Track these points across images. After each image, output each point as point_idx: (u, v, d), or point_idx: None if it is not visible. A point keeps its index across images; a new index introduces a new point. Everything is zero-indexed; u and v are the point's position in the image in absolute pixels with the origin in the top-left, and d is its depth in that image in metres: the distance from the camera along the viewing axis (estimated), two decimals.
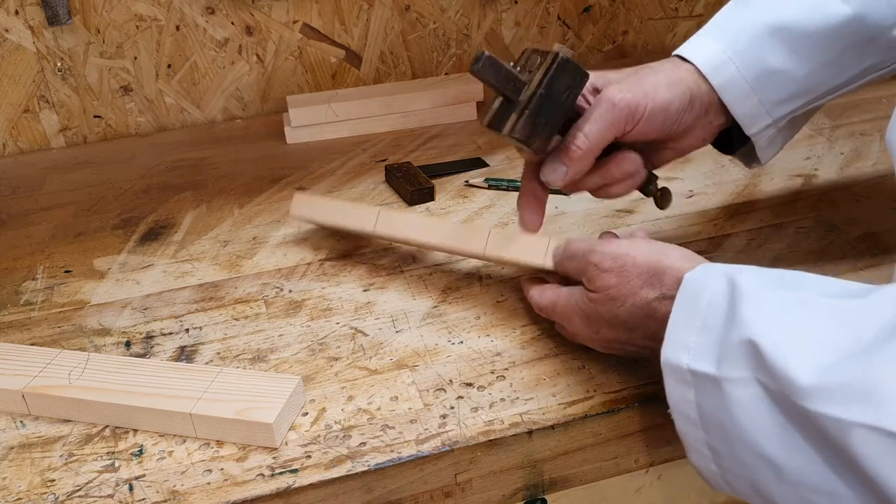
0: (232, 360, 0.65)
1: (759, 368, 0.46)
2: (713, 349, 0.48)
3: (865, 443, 0.41)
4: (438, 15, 1.08)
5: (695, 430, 0.51)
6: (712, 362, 0.48)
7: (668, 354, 0.51)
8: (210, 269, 0.77)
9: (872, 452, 0.41)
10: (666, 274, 0.54)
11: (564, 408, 0.59)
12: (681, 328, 0.51)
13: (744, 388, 0.47)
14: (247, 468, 0.55)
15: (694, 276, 0.52)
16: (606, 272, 0.57)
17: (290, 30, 1.04)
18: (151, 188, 0.92)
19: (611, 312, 0.57)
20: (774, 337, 0.45)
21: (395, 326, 0.68)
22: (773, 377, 0.45)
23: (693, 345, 0.49)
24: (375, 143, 0.99)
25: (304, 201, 0.77)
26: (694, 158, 0.90)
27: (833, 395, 0.42)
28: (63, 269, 0.78)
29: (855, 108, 0.99)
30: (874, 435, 0.40)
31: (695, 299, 0.50)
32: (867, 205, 0.80)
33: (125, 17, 0.98)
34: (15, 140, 1.02)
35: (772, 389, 0.45)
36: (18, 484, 0.55)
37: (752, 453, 0.47)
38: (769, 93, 0.63)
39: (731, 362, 0.47)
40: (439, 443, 0.56)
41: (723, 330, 0.48)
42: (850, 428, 0.41)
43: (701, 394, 0.50)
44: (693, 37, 0.66)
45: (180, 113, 1.06)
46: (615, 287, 0.56)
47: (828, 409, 0.42)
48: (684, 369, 0.50)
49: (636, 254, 0.56)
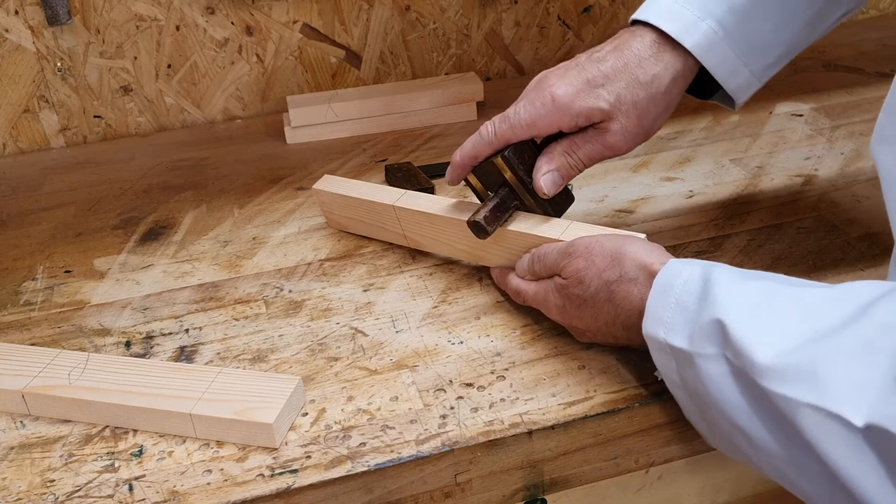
0: (232, 361, 0.65)
1: (725, 346, 0.49)
2: (686, 326, 0.52)
3: (811, 421, 0.44)
4: (438, 15, 1.08)
5: (683, 393, 0.55)
6: (685, 338, 0.52)
7: (648, 328, 0.55)
8: (210, 269, 0.77)
9: (816, 430, 0.44)
10: (626, 257, 0.58)
11: (564, 408, 0.59)
12: (657, 305, 0.54)
13: (713, 363, 0.50)
14: (247, 468, 0.55)
15: (674, 262, 0.56)
16: (577, 258, 0.60)
17: (290, 30, 1.04)
18: (151, 188, 0.92)
19: (579, 298, 0.60)
20: (741, 318, 0.49)
21: (395, 326, 0.68)
22: (737, 355, 0.48)
23: (668, 320, 0.53)
24: (375, 143, 0.99)
25: (329, 179, 0.79)
26: (694, 158, 0.90)
27: (785, 375, 0.45)
28: (63, 269, 0.78)
29: (855, 108, 0.99)
30: (818, 414, 0.44)
31: (671, 280, 0.54)
32: (867, 205, 0.80)
33: (125, 17, 0.98)
34: (15, 140, 1.02)
35: (736, 366, 0.49)
36: (18, 484, 0.55)
37: (727, 421, 0.51)
38: (758, 62, 0.65)
39: (702, 339, 0.51)
40: (439, 443, 0.56)
41: (695, 309, 0.52)
42: (797, 406, 0.45)
43: (680, 365, 0.53)
44: (672, 3, 0.64)
45: (180, 113, 1.06)
46: (583, 269, 0.60)
47: (780, 388, 0.46)
48: (663, 342, 0.53)
49: (604, 240, 0.61)
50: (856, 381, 0.43)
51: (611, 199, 0.84)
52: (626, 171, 0.88)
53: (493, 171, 0.67)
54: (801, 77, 1.08)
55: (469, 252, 0.72)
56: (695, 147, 0.93)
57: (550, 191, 0.65)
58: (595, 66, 0.64)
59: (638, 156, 0.91)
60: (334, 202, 0.78)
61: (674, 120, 0.99)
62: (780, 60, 0.67)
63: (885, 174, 0.52)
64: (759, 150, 0.91)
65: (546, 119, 0.63)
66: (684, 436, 0.61)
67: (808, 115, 0.98)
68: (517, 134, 0.64)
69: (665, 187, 0.85)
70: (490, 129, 0.65)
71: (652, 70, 0.63)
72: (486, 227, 0.64)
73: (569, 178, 0.66)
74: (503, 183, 0.67)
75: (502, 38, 1.12)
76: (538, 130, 0.64)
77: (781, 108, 1.00)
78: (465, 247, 0.71)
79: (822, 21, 0.67)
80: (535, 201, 0.67)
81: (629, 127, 0.63)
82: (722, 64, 0.64)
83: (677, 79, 0.64)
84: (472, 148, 0.67)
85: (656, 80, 0.63)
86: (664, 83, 0.63)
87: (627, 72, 0.63)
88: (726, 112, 1.00)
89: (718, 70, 0.64)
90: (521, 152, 0.65)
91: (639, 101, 0.63)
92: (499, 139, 0.65)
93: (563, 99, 0.63)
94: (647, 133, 0.65)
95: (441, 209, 0.71)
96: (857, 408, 0.42)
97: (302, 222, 0.83)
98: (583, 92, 0.63)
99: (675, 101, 0.65)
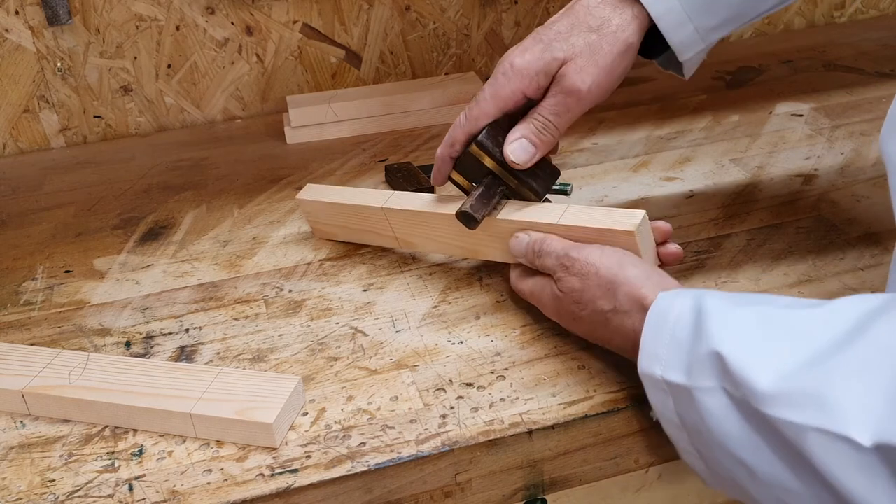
0: (232, 360, 0.65)
1: (724, 378, 0.48)
2: (682, 360, 0.51)
3: (818, 445, 0.43)
4: (438, 15, 1.08)
5: (680, 433, 0.54)
6: (683, 373, 0.51)
7: (643, 366, 0.54)
8: (210, 269, 0.77)
9: (825, 454, 0.43)
10: (620, 290, 0.57)
11: (564, 408, 0.59)
12: (651, 341, 0.53)
13: (712, 396, 0.49)
14: (247, 468, 0.55)
15: (664, 295, 0.54)
16: (574, 276, 0.60)
17: (290, 30, 1.04)
18: (151, 188, 0.92)
19: (574, 314, 0.60)
20: (737, 348, 0.48)
21: (395, 326, 0.68)
22: (736, 385, 0.48)
23: (664, 356, 0.52)
24: (375, 143, 0.99)
25: (313, 188, 0.78)
26: (694, 158, 0.90)
27: (789, 401, 0.45)
28: (63, 269, 0.78)
29: (855, 108, 0.99)
30: (826, 438, 0.43)
31: (664, 315, 0.53)
32: (867, 204, 0.80)
33: (125, 17, 0.98)
34: (15, 140, 1.02)
35: (736, 397, 0.48)
36: (18, 484, 0.55)
37: (728, 456, 0.50)
38: (705, 20, 0.65)
39: (700, 372, 0.50)
40: (439, 443, 0.56)
41: (691, 343, 0.51)
42: (804, 432, 0.44)
43: (678, 402, 0.52)
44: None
45: (180, 113, 1.06)
46: (578, 292, 0.60)
47: (784, 414, 0.45)
48: (659, 379, 0.52)
49: (600, 266, 0.59)
50: (859, 401, 0.42)
51: (611, 199, 0.84)
52: (626, 170, 0.88)
53: (472, 161, 0.67)
54: (801, 77, 1.08)
55: (463, 247, 0.71)
56: (695, 147, 0.93)
57: (521, 158, 0.64)
58: (548, 29, 0.65)
59: (638, 156, 0.91)
60: (320, 211, 0.77)
61: (674, 120, 0.99)
62: (725, 24, 0.66)
63: (894, 167, 0.51)
64: (759, 150, 0.91)
65: (507, 87, 0.64)
66: None
67: (808, 115, 0.98)
68: (485, 110, 0.65)
69: (665, 187, 0.85)
70: (462, 114, 0.66)
71: (601, 15, 0.64)
72: (473, 215, 0.64)
73: (542, 145, 0.65)
74: (485, 171, 0.67)
75: (502, 38, 1.12)
76: (503, 101, 0.64)
77: (781, 108, 1.00)
78: (458, 242, 0.71)
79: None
80: (520, 181, 0.66)
81: (583, 64, 0.63)
82: (668, 15, 0.64)
83: (627, 20, 0.64)
84: (448, 137, 0.67)
85: (606, 22, 0.64)
86: (614, 23, 0.64)
87: (578, 23, 0.64)
88: (726, 112, 1.00)
89: (664, 20, 0.64)
90: (494, 135, 0.65)
91: (591, 42, 0.63)
92: (469, 121, 0.65)
93: (521, 63, 0.64)
94: (609, 73, 0.64)
95: (430, 206, 0.70)
96: (864, 428, 0.42)
97: (302, 222, 0.83)
98: (538, 52, 0.64)
99: (632, 42, 0.64)
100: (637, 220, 0.61)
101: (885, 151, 0.52)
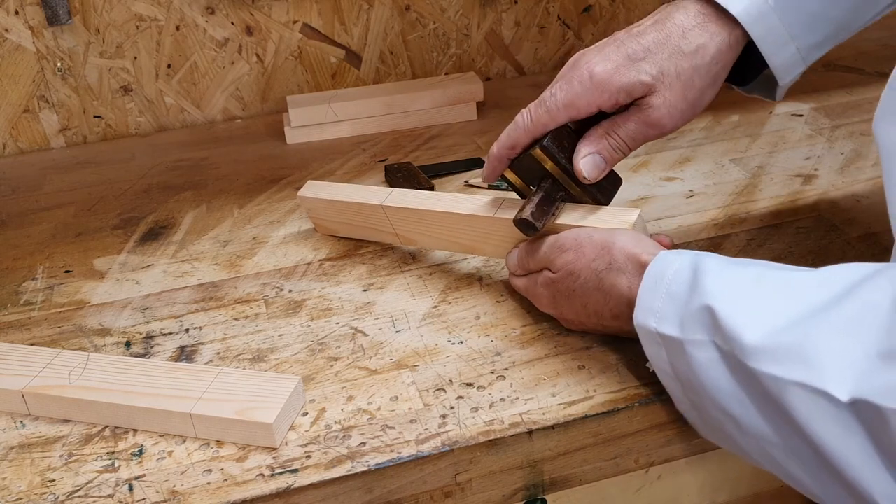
0: (232, 360, 0.65)
1: (714, 332, 0.50)
2: (677, 314, 0.52)
3: (798, 399, 0.45)
4: (438, 15, 1.08)
5: (674, 384, 0.55)
6: (676, 326, 0.52)
7: (639, 318, 0.55)
8: (210, 269, 0.77)
9: (803, 407, 0.45)
10: (616, 248, 0.58)
11: (564, 408, 0.59)
12: (648, 295, 0.54)
13: (703, 349, 0.50)
14: (247, 468, 0.55)
15: (665, 254, 0.56)
16: (567, 251, 0.61)
17: (290, 30, 1.04)
18: (151, 188, 0.92)
19: (569, 288, 0.61)
20: (730, 303, 0.49)
21: (395, 326, 0.68)
22: (726, 339, 0.49)
23: (658, 309, 0.53)
24: (375, 143, 0.99)
25: (314, 185, 0.78)
26: (694, 158, 0.90)
27: (773, 356, 0.46)
28: (63, 269, 0.78)
29: (855, 108, 0.99)
30: (805, 392, 0.44)
31: (661, 270, 0.54)
32: (867, 205, 0.80)
33: (125, 17, 0.98)
34: (15, 140, 1.02)
35: (724, 351, 0.49)
36: (18, 484, 0.55)
37: (716, 407, 0.51)
38: (808, 38, 0.61)
39: (692, 326, 0.51)
40: (439, 443, 0.56)
41: (685, 297, 0.52)
42: (786, 385, 0.45)
43: (671, 354, 0.53)
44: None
45: (180, 113, 1.06)
46: (573, 262, 0.60)
47: (768, 368, 0.46)
48: (653, 332, 0.54)
49: (593, 232, 0.60)
50: (841, 357, 0.43)
51: None
52: (626, 171, 0.88)
53: (531, 164, 0.64)
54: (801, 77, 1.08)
55: (462, 244, 0.71)
56: (695, 147, 0.93)
57: (592, 175, 0.62)
58: (635, 40, 0.60)
59: (638, 156, 0.91)
60: (321, 207, 0.78)
61: None
62: (827, 41, 0.63)
63: (887, 151, 0.51)
64: (759, 150, 0.91)
65: (584, 98, 0.60)
66: (684, 435, 0.61)
67: (808, 115, 0.98)
68: (554, 117, 0.61)
69: (665, 187, 0.85)
70: (526, 115, 0.62)
71: (696, 40, 0.60)
72: (534, 223, 0.61)
73: (612, 162, 0.63)
74: (545, 175, 0.64)
75: (502, 38, 1.12)
76: (577, 111, 0.61)
77: (781, 107, 1.00)
78: (458, 239, 0.71)
79: (870, 4, 0.63)
80: (582, 190, 0.64)
81: (673, 100, 0.60)
82: (769, 35, 0.60)
83: (723, 49, 0.60)
84: (507, 138, 0.64)
85: (701, 49, 0.59)
86: (710, 52, 0.60)
87: (670, 44, 0.60)
88: (726, 112, 0.99)
89: (765, 42, 0.60)
90: (559, 139, 0.62)
91: (682, 72, 0.59)
92: (535, 125, 0.62)
93: (602, 75, 0.59)
94: (694, 107, 0.61)
95: (432, 204, 0.70)
96: (842, 383, 0.43)
97: (302, 222, 0.83)
98: (623, 67, 0.59)
99: (721, 75, 0.61)
100: (632, 219, 0.62)
101: (878, 134, 0.52)
